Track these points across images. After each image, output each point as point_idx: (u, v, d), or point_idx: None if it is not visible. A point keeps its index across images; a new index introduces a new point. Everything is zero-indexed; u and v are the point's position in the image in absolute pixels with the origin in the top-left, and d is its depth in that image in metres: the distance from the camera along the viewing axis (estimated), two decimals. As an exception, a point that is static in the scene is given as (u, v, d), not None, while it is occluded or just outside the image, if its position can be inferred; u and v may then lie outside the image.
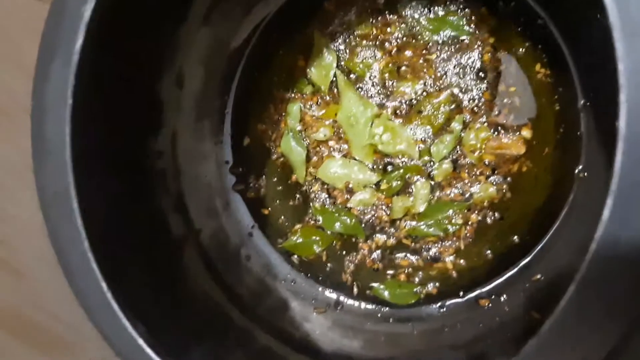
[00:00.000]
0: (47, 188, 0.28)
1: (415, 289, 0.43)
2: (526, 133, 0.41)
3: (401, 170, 0.43)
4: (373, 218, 0.44)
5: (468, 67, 0.42)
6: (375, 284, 0.44)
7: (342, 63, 0.44)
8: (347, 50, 0.44)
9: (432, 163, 0.43)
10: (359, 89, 0.44)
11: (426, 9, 0.43)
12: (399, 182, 0.43)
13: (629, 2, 0.21)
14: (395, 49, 0.43)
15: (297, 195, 0.45)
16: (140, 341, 0.29)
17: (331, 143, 0.44)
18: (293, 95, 0.45)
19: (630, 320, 0.23)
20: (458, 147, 0.42)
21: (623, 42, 0.21)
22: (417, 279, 0.44)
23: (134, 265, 0.34)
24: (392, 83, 0.43)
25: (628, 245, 0.23)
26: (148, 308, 0.32)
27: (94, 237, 0.28)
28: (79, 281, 0.28)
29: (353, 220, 0.44)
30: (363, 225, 0.44)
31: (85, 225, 0.28)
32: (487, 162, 0.42)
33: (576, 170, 0.40)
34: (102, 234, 0.30)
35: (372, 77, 0.44)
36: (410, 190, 0.43)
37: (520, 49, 0.41)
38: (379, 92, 0.44)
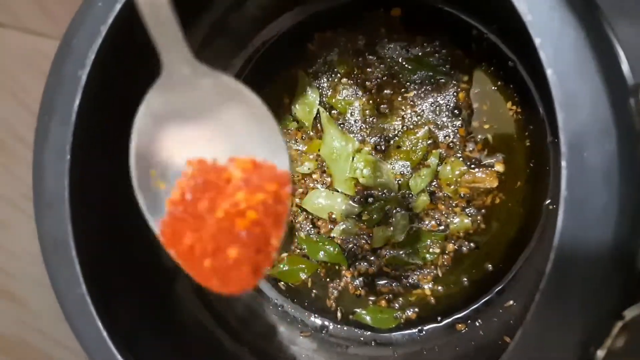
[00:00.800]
0: (47, 236, 0.30)
1: (395, 314, 0.46)
2: (499, 167, 0.44)
3: (381, 202, 0.45)
4: (355, 247, 0.46)
5: (444, 105, 0.45)
6: (357, 310, 0.47)
7: (325, 100, 0.47)
8: (330, 88, 0.46)
9: (410, 195, 0.45)
10: (341, 125, 0.46)
11: (404, 50, 0.45)
12: (379, 213, 0.45)
13: (568, 75, 0.24)
14: (375, 88, 0.46)
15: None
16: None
17: (315, 176, 0.47)
18: (279, 130, 0.47)
19: (586, 332, 0.25)
20: (435, 180, 0.45)
21: (562, 113, 0.23)
22: (397, 305, 0.46)
23: (129, 301, 0.36)
24: (372, 119, 0.46)
25: (578, 264, 0.25)
26: (143, 340, 0.35)
27: (91, 281, 0.31)
28: (77, 322, 0.30)
29: (336, 249, 0.46)
30: (346, 253, 0.46)
31: (83, 271, 0.30)
32: (462, 195, 0.44)
33: (545, 203, 0.42)
34: (98, 276, 0.32)
35: (353, 114, 0.46)
36: (391, 221, 0.45)
37: (493, 88, 0.44)
38: (360, 128, 0.46)
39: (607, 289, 0.25)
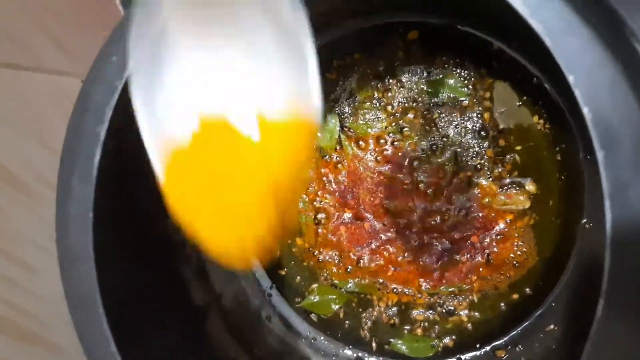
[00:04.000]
0: (73, 292, 0.30)
1: (432, 343, 0.45)
2: (530, 187, 0.42)
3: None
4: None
5: (469, 126, 0.43)
6: (393, 339, 0.45)
7: (347, 125, 0.46)
8: (351, 114, 0.46)
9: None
10: (364, 152, 0.45)
11: (424, 73, 0.44)
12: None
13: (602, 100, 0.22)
14: (397, 112, 0.45)
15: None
16: None
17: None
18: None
19: None
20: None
21: (602, 152, 0.22)
22: (433, 333, 0.45)
23: (160, 346, 0.36)
24: (396, 144, 0.45)
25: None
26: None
27: (121, 335, 0.30)
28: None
29: (366, 279, 0.45)
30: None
31: (112, 328, 0.29)
32: (493, 217, 0.43)
33: (581, 222, 0.41)
34: (128, 327, 0.31)
35: (375, 138, 0.45)
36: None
37: (518, 104, 0.42)
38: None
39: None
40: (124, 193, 0.32)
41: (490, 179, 0.43)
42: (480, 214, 0.43)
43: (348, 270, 0.46)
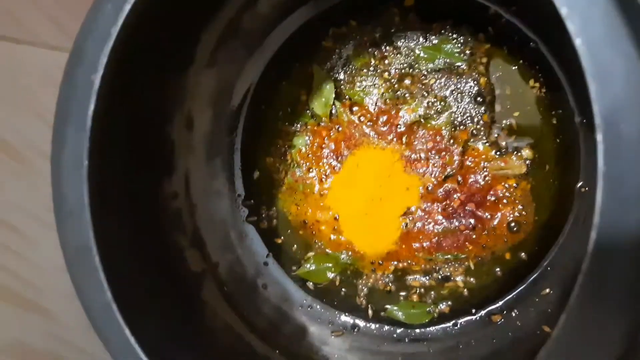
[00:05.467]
0: (69, 245, 0.30)
1: (428, 309, 0.45)
2: (527, 152, 0.42)
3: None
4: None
5: (466, 91, 0.43)
6: (389, 306, 0.46)
7: (344, 92, 0.46)
8: (348, 82, 0.46)
9: (436, 186, 0.44)
10: (361, 117, 0.45)
11: (421, 39, 0.44)
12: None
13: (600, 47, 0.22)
14: (393, 78, 0.45)
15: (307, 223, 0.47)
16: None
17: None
18: (298, 128, 0.47)
19: (634, 317, 0.24)
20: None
21: (594, 85, 0.22)
22: (429, 299, 0.45)
23: (156, 306, 0.36)
24: (392, 108, 0.45)
25: (623, 245, 0.23)
26: (171, 345, 0.34)
27: (116, 287, 0.30)
28: (104, 330, 0.30)
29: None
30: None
31: (107, 278, 0.29)
32: (490, 182, 0.43)
33: (577, 186, 0.41)
34: (123, 282, 0.31)
35: (371, 103, 0.45)
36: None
37: (514, 68, 0.42)
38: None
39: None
40: (120, 143, 0.32)
41: (487, 144, 0.43)
42: (477, 179, 0.43)
43: (342, 241, 0.46)
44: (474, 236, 0.43)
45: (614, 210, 0.23)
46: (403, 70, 0.44)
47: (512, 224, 0.43)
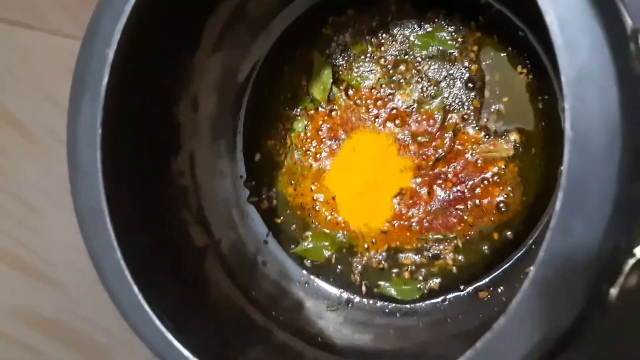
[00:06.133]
0: (82, 206, 0.32)
1: (418, 285, 0.47)
2: (514, 136, 0.44)
3: (400, 176, 0.47)
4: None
5: (457, 78, 0.46)
6: (381, 282, 0.48)
7: (341, 77, 0.48)
8: (345, 68, 0.48)
9: (428, 168, 0.46)
10: (358, 100, 0.48)
11: (415, 27, 0.46)
12: (399, 187, 0.47)
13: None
14: (389, 64, 0.47)
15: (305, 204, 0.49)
16: (170, 337, 0.33)
17: (335, 154, 0.48)
18: (298, 112, 0.49)
19: (597, 270, 0.26)
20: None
21: (562, 57, 0.24)
22: (420, 276, 0.47)
23: (162, 271, 0.38)
24: (387, 93, 0.47)
25: (586, 202, 0.25)
26: (176, 308, 0.36)
27: (125, 246, 0.33)
28: (113, 285, 0.32)
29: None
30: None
31: (117, 236, 0.32)
32: (479, 164, 0.45)
33: (560, 168, 0.43)
34: (131, 243, 0.34)
35: (368, 87, 0.47)
36: (410, 194, 0.47)
37: (503, 55, 0.45)
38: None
39: (615, 227, 0.26)
40: (130, 118, 0.34)
41: (477, 128, 0.45)
42: (467, 162, 0.45)
43: (338, 221, 0.48)
44: (464, 216, 0.46)
45: (579, 171, 0.25)
46: (398, 57, 0.47)
47: (501, 205, 0.45)
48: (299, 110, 0.49)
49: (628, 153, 0.25)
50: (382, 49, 0.47)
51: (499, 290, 0.45)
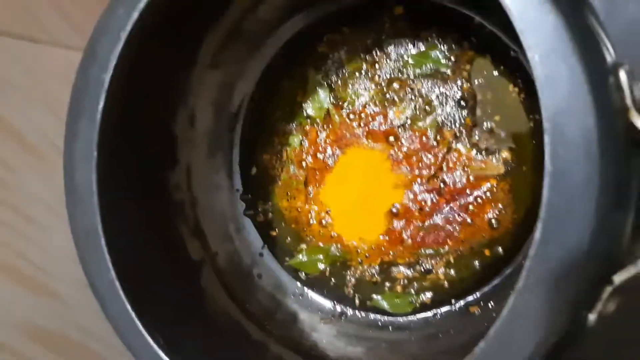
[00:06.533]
0: (79, 228, 0.33)
1: (410, 299, 0.48)
2: (505, 154, 0.45)
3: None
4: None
5: (450, 96, 0.46)
6: (374, 296, 0.49)
7: (336, 94, 0.49)
8: (340, 85, 0.49)
9: (421, 184, 0.47)
10: (352, 115, 0.48)
11: (409, 45, 0.47)
12: (392, 203, 0.47)
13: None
14: (383, 82, 0.48)
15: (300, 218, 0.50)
16: (164, 356, 0.34)
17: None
18: (294, 127, 0.50)
19: (576, 296, 0.27)
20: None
21: (543, 92, 0.25)
22: (412, 290, 0.48)
23: (157, 288, 0.39)
24: (381, 111, 0.48)
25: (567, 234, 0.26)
26: (171, 326, 0.37)
27: (120, 267, 0.33)
28: (108, 305, 0.33)
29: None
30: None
31: (112, 258, 0.33)
32: (471, 181, 0.46)
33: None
34: (127, 263, 0.35)
35: (362, 104, 0.48)
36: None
37: (495, 74, 0.45)
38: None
39: (593, 256, 0.26)
40: (127, 137, 0.35)
41: (469, 146, 0.46)
42: (459, 179, 0.46)
43: (332, 235, 0.49)
44: (456, 232, 0.46)
45: (558, 204, 0.26)
46: (392, 75, 0.47)
47: (493, 222, 0.46)
48: (294, 125, 0.50)
49: (606, 186, 0.26)
50: (377, 66, 0.48)
51: (490, 306, 0.45)
